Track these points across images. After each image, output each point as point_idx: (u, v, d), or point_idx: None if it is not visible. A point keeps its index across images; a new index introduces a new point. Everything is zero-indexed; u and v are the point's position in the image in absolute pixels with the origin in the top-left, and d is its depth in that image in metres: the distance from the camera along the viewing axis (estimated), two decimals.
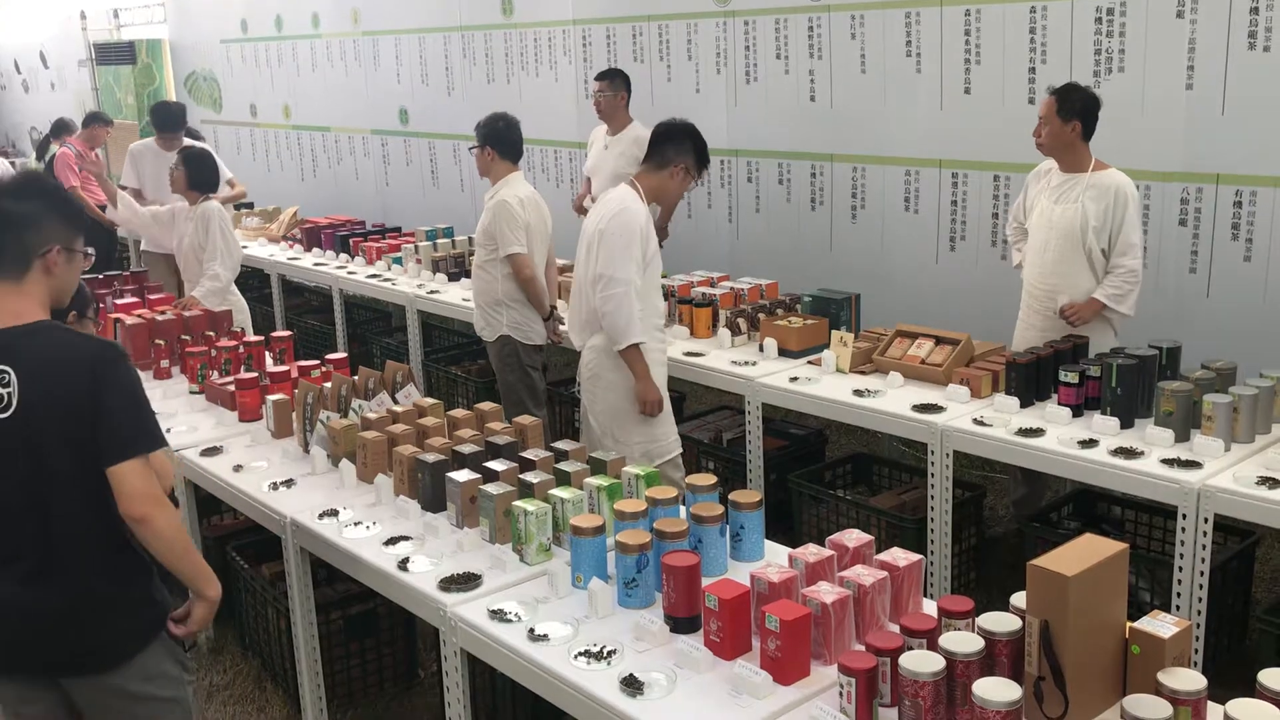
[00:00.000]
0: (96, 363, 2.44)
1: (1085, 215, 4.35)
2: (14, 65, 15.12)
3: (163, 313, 5.16)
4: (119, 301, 5.52)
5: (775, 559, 2.83)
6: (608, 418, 4.26)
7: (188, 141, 7.31)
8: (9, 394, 2.41)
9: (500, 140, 5.20)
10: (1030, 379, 4.10)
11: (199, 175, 5.63)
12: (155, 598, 2.62)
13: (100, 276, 6.16)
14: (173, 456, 3.57)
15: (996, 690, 2.04)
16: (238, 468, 3.74)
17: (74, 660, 2.52)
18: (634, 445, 4.22)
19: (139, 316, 5.09)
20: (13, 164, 11.68)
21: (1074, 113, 4.34)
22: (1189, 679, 2.06)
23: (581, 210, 6.38)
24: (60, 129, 9.57)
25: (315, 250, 7.71)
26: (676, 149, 4.17)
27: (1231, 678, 2.71)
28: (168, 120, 7.43)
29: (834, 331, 4.78)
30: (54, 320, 2.56)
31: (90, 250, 2.66)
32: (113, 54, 12.43)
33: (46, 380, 2.42)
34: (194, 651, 2.65)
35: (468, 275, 5.97)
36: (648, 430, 4.26)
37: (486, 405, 3.76)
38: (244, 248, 6.98)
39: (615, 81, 6.33)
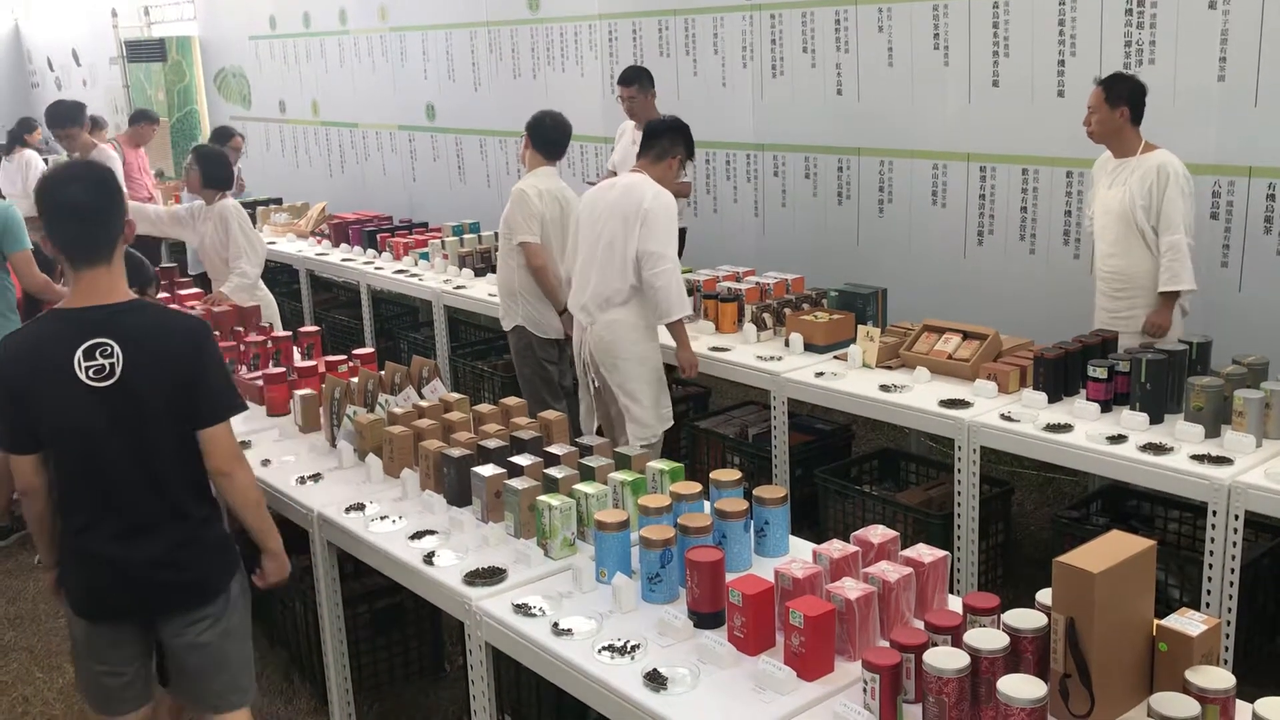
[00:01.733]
0: (197, 335, 2.73)
1: (1133, 196, 4.43)
2: (47, 63, 15.28)
3: (192, 308, 5.20)
4: None
5: (800, 555, 2.82)
6: (624, 379, 4.61)
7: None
8: (112, 364, 2.62)
9: (538, 134, 5.31)
10: (1058, 374, 4.07)
11: (213, 173, 5.66)
12: (230, 535, 2.93)
13: None
14: None
15: (1021, 687, 2.02)
16: (266, 462, 3.76)
17: (180, 596, 2.77)
18: (647, 400, 4.61)
19: None
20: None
21: (1121, 98, 4.45)
22: (1217, 677, 2.04)
23: None
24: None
25: (343, 246, 7.76)
26: (672, 141, 4.58)
27: (1261, 676, 2.69)
28: (54, 118, 7.07)
29: (860, 326, 4.76)
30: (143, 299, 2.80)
31: (131, 221, 2.84)
32: (144, 51, 12.55)
33: (150, 351, 2.65)
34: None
35: (494, 270, 5.99)
36: (658, 392, 4.68)
37: (512, 400, 3.77)
38: (271, 243, 7.01)
39: (643, 83, 6.30)
